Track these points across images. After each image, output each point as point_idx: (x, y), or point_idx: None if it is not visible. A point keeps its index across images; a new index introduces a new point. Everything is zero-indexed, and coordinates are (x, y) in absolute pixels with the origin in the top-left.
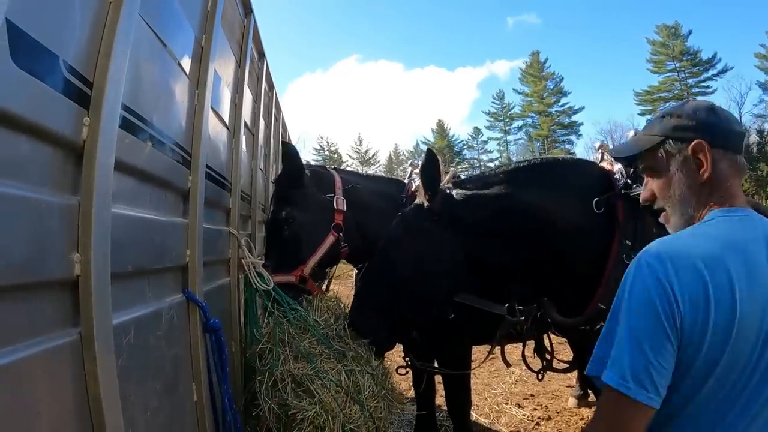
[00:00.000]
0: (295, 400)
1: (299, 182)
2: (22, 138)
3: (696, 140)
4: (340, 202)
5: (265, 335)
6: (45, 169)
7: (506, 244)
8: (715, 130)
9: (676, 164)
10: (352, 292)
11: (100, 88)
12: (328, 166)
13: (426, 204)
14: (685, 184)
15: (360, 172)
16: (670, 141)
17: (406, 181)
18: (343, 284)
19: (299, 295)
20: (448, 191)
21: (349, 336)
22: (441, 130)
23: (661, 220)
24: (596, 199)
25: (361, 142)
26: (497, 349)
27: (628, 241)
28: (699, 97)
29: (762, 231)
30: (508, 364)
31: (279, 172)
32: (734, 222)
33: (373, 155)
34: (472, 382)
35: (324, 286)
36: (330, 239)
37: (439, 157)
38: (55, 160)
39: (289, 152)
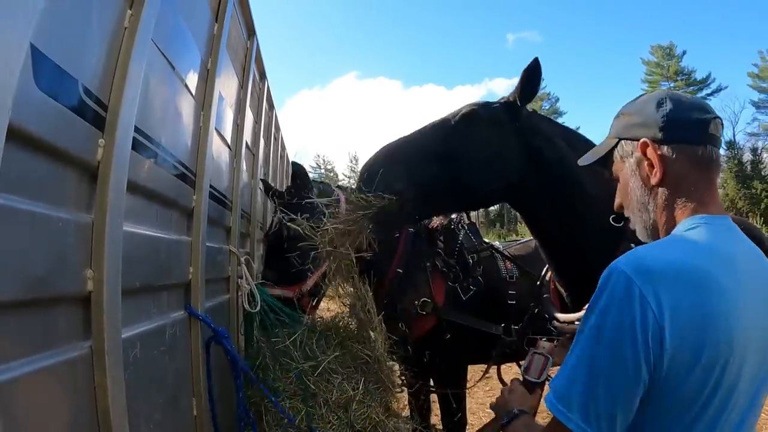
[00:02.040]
0: None
1: (307, 199)
2: (42, 158)
3: (642, 139)
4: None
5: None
6: (62, 188)
7: (546, 196)
8: (665, 123)
9: (630, 167)
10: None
11: (114, 111)
12: (332, 185)
13: (517, 103)
14: (640, 188)
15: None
16: (622, 142)
17: None
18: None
19: (293, 308)
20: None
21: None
22: None
23: (632, 227)
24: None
25: (357, 160)
26: (492, 369)
27: (633, 244)
28: None
29: (749, 245)
30: (504, 383)
31: (286, 186)
32: (720, 232)
33: None
34: (466, 401)
35: (314, 302)
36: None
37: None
38: (71, 179)
39: (300, 172)
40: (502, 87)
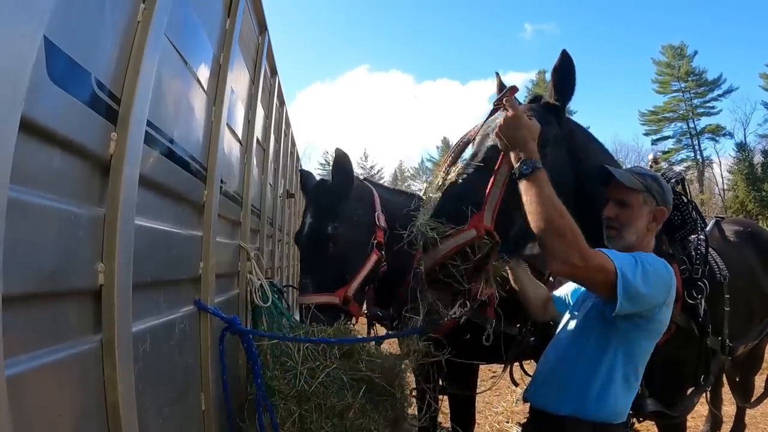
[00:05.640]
0: None
1: (346, 195)
2: (54, 151)
3: (663, 208)
4: (381, 219)
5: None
6: (74, 181)
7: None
8: (668, 205)
9: (644, 209)
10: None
11: (127, 105)
12: (361, 177)
13: (557, 105)
14: (644, 224)
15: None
16: (648, 194)
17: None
18: None
19: (338, 317)
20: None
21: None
22: (446, 147)
23: (610, 234)
24: None
25: (366, 157)
26: (498, 368)
27: None
28: (703, 118)
29: None
30: (515, 383)
31: (320, 179)
32: None
33: (378, 171)
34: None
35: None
36: (373, 258)
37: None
38: (84, 172)
39: (343, 162)
40: (517, 81)
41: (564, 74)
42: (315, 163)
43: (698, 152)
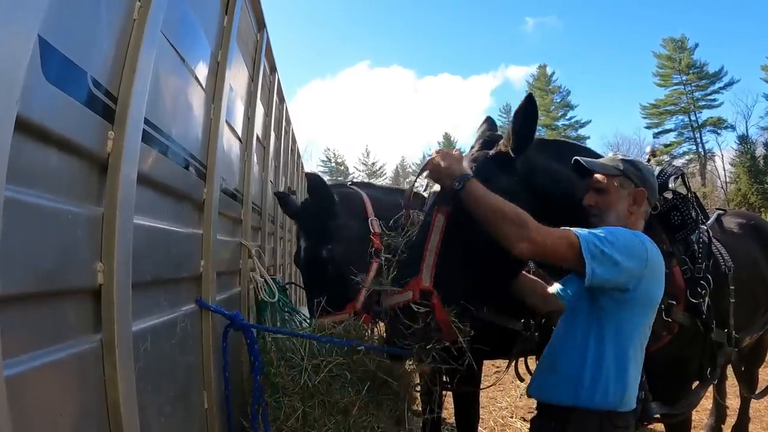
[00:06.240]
0: None
1: (332, 215)
2: (51, 150)
3: (642, 189)
4: (375, 225)
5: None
6: (71, 181)
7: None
8: (649, 187)
9: (622, 192)
10: None
11: (124, 103)
12: (348, 183)
13: (510, 155)
14: (624, 206)
15: (372, 183)
16: (624, 178)
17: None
18: None
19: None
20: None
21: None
22: (447, 143)
23: (593, 222)
24: None
25: (368, 154)
26: (503, 363)
27: None
28: (705, 111)
29: None
30: (521, 379)
31: (304, 200)
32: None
33: (380, 168)
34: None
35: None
36: (374, 267)
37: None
38: (81, 172)
39: (317, 185)
40: (518, 75)
41: (525, 120)
42: (316, 160)
43: (700, 145)
